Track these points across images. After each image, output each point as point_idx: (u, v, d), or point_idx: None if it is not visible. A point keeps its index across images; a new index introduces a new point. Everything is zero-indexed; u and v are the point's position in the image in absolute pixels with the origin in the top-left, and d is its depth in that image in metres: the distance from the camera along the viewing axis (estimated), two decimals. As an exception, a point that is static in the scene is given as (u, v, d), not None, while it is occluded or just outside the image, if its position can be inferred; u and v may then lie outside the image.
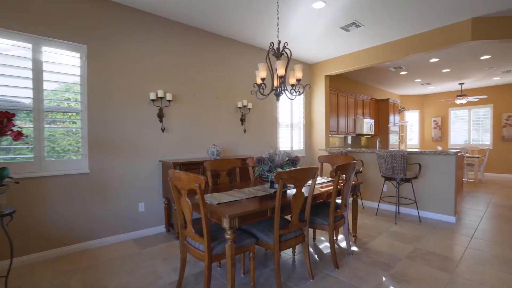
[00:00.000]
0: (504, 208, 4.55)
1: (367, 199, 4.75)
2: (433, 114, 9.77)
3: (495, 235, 3.28)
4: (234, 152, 4.40)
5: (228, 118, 4.31)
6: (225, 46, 4.26)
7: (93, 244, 3.00)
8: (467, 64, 5.86)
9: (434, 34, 3.96)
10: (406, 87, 8.50)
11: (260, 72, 2.55)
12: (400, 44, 4.35)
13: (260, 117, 4.78)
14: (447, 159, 3.79)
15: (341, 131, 6.15)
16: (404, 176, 3.69)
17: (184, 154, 3.79)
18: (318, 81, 5.64)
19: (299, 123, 5.62)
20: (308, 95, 5.77)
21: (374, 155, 4.61)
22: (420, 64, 5.85)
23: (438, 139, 9.61)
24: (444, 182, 3.84)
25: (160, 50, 3.54)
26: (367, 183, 4.74)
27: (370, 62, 4.75)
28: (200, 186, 1.73)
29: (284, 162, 2.47)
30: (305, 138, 5.71)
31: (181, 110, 3.76)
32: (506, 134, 8.24)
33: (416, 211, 4.11)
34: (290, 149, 5.37)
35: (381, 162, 3.88)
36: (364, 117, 7.03)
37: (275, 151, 2.61)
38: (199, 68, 3.95)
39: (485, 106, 8.67)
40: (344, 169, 2.41)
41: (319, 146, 5.62)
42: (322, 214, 2.56)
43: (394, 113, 7.90)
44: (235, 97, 4.39)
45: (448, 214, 3.83)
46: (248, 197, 2.23)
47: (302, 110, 5.66)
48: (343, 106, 6.26)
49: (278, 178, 1.89)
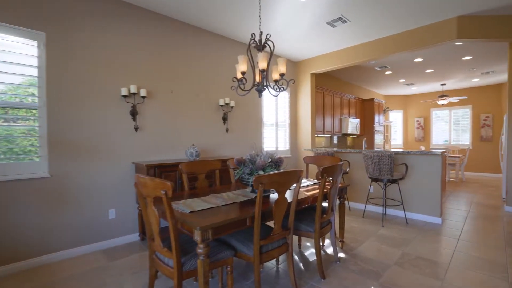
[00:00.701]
0: (486, 207, 4.57)
1: (354, 200, 4.64)
2: (416, 114, 9.91)
3: (480, 236, 3.23)
4: (216, 153, 4.16)
5: (209, 116, 4.06)
6: (206, 40, 4.01)
7: (52, 258, 2.66)
8: (449, 64, 5.90)
9: (421, 32, 3.89)
10: (391, 87, 8.54)
11: (240, 66, 2.33)
12: (386, 42, 4.26)
13: (243, 116, 4.56)
14: (433, 159, 3.73)
15: (327, 131, 6.03)
16: (391, 177, 3.59)
17: (160, 155, 3.51)
18: (303, 80, 5.49)
19: (285, 122, 5.45)
20: (294, 94, 5.61)
21: (361, 155, 4.50)
22: (405, 63, 5.82)
23: (421, 139, 9.75)
24: (430, 183, 3.77)
25: (133, 41, 3.24)
26: (354, 184, 4.63)
27: (356, 60, 4.64)
28: (167, 193, 1.49)
29: (266, 164, 2.26)
30: (291, 138, 5.54)
31: (157, 108, 3.47)
32: (484, 134, 8.45)
33: (402, 212, 4.02)
34: (275, 149, 5.19)
35: (368, 163, 3.76)
36: (350, 116, 6.97)
37: (257, 152, 2.40)
38: (178, 63, 3.68)
39: (464, 107, 8.86)
40: (331, 171, 2.23)
41: (305, 146, 5.47)
42: (307, 220, 2.37)
43: (379, 113, 7.91)
44: (217, 94, 4.15)
45: (434, 215, 3.76)
46: (226, 203, 2.00)
47: (288, 109, 5.49)
48: (329, 106, 6.15)
49: (257, 182, 1.68)
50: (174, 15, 3.53)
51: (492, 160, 8.32)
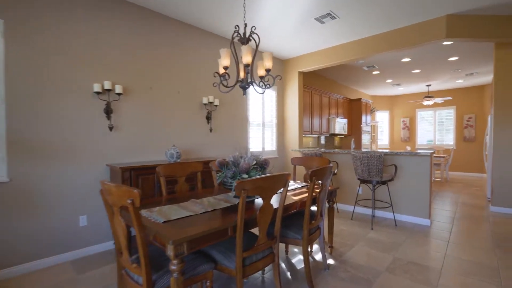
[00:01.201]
0: (472, 207, 4.58)
1: (342, 202, 4.54)
2: (402, 114, 10.01)
3: (469, 238, 3.18)
4: (199, 154, 3.94)
5: (192, 115, 3.84)
6: (189, 35, 3.79)
7: (11, 272, 2.38)
8: (436, 65, 5.92)
9: (410, 31, 3.83)
10: (378, 87, 8.56)
11: (223, 60, 2.14)
12: (375, 40, 4.18)
13: (228, 115, 4.36)
14: (422, 160, 3.67)
15: (314, 130, 5.93)
16: (381, 178, 3.49)
17: (138, 156, 3.26)
18: (291, 78, 5.35)
19: (271, 122, 5.29)
20: (281, 93, 5.47)
21: (349, 156, 4.40)
22: (392, 63, 5.80)
23: (406, 139, 9.86)
24: (419, 184, 3.71)
25: (108, 33, 2.99)
26: (342, 185, 4.53)
27: (345, 58, 4.54)
28: (134, 202, 1.29)
29: (250, 166, 2.08)
30: (278, 138, 5.39)
31: (134, 106, 3.22)
32: (467, 135, 8.62)
33: (391, 214, 3.95)
34: (262, 150, 5.02)
35: (356, 164, 3.66)
36: (337, 116, 6.90)
37: (241, 154, 2.21)
38: (157, 58, 3.44)
39: (448, 107, 9.01)
40: (320, 174, 2.08)
41: (292, 147, 5.34)
42: (295, 226, 2.22)
43: (367, 113, 7.90)
44: (200, 92, 3.93)
45: (423, 217, 3.70)
46: (206, 210, 1.81)
47: (275, 108, 5.33)
48: (317, 105, 6.05)
49: (239, 188, 1.50)
50: (153, 6, 3.30)
51: (475, 160, 8.50)
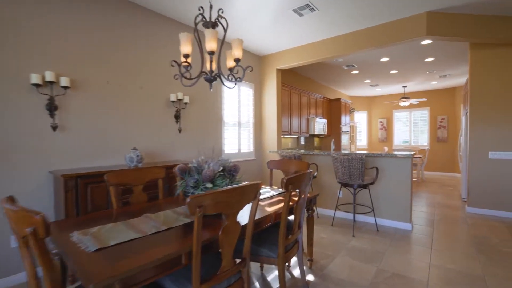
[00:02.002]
0: (449, 208, 4.55)
1: (322, 206, 4.32)
2: (379, 115, 10.11)
3: (451, 243, 3.05)
4: (166, 157, 3.54)
5: (158, 114, 3.43)
6: (155, 24, 3.38)
7: None
8: (412, 65, 5.91)
9: (392, 27, 3.67)
10: (356, 87, 8.54)
11: (183, 46, 1.79)
12: (356, 36, 3.99)
13: (200, 114, 3.99)
14: (404, 162, 3.52)
15: (294, 131, 5.69)
16: (362, 182, 3.29)
17: (92, 161, 2.81)
18: (269, 76, 5.07)
19: (248, 122, 4.98)
20: (258, 90, 5.17)
21: (330, 158, 4.19)
22: (371, 63, 5.70)
23: (384, 140, 9.96)
24: (400, 187, 3.56)
25: (52, 15, 2.52)
26: (322, 189, 4.31)
27: (325, 55, 4.33)
28: (36, 232, 0.91)
29: (216, 173, 1.75)
30: (255, 139, 5.09)
31: (87, 101, 2.77)
32: (440, 135, 8.83)
33: (373, 219, 3.78)
34: (238, 151, 4.69)
35: (337, 167, 3.44)
36: (317, 116, 6.73)
37: (207, 158, 1.88)
38: (116, 48, 3.00)
39: (422, 109, 9.20)
40: (297, 182, 1.79)
41: (271, 148, 5.06)
42: (269, 242, 1.91)
43: (346, 114, 7.82)
44: (167, 88, 3.53)
45: (404, 221, 3.56)
46: (158, 230, 1.46)
47: (252, 107, 5.02)
48: (296, 105, 5.82)
49: (194, 206, 1.16)
50: (110, -12, 2.86)
51: (447, 160, 8.72)
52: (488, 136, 4.21)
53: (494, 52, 4.15)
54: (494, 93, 4.17)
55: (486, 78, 4.23)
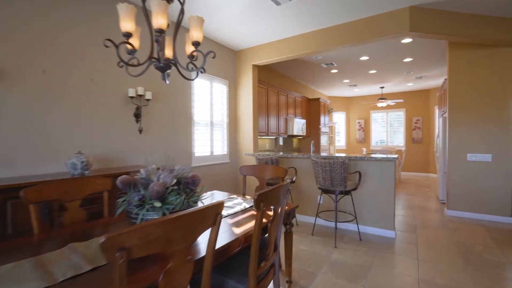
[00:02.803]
0: (428, 212, 4.45)
1: (302, 213, 4.02)
2: (357, 116, 10.10)
3: (437, 252, 2.86)
4: (124, 162, 3.05)
5: (113, 111, 2.94)
6: (108, 3, 2.88)
7: None
8: (391, 65, 5.82)
9: (375, 21, 3.45)
10: (335, 87, 8.41)
11: (123, 22, 1.37)
12: (336, 31, 3.73)
13: (166, 112, 3.53)
14: (387, 166, 3.30)
15: (271, 132, 5.37)
16: (344, 188, 3.02)
17: (22, 168, 2.28)
18: (245, 72, 4.70)
19: (222, 121, 4.57)
20: (233, 87, 4.78)
21: (309, 161, 3.90)
22: (351, 61, 5.53)
23: (362, 141, 9.96)
24: (384, 192, 3.34)
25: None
26: (301, 194, 4.01)
27: (304, 50, 4.04)
28: None
29: (167, 188, 1.35)
30: (230, 140, 4.69)
31: (15, 94, 2.24)
32: (416, 136, 8.96)
33: (355, 226, 3.53)
34: (210, 154, 4.27)
35: (317, 171, 3.14)
36: (295, 116, 6.47)
37: (158, 166, 1.47)
38: (56, 29, 2.48)
39: (399, 110, 9.29)
40: (271, 198, 1.43)
41: (247, 150, 4.69)
42: (238, 270, 1.54)
43: (325, 114, 7.65)
44: (125, 81, 3.05)
45: (387, 228, 3.34)
46: (78, 272, 1.03)
47: (226, 105, 4.63)
48: (274, 104, 5.51)
49: (110, 249, 0.75)
50: (47, -43, 2.35)
51: (422, 161, 8.85)
52: (467, 138, 4.14)
53: (472, 53, 4.09)
54: (472, 94, 4.11)
55: (464, 79, 4.15)
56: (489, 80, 4.00)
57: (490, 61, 3.98)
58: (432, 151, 8.60)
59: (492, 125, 3.98)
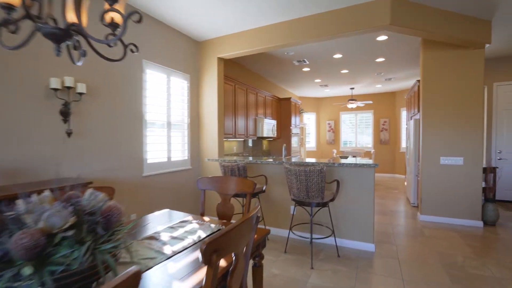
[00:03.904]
0: (402, 217, 4.29)
1: (273, 225, 3.58)
2: (327, 117, 10.01)
3: (422, 270, 2.59)
4: (44, 174, 2.34)
5: (28, 108, 2.22)
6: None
7: None
8: (363, 65, 5.66)
9: (354, 12, 3.11)
10: (306, 87, 8.17)
11: None
12: (313, 21, 3.35)
13: (107, 111, 2.85)
14: (367, 172, 2.98)
15: (239, 133, 4.87)
16: (322, 200, 2.62)
17: None
18: (209, 66, 4.14)
19: (183, 122, 3.97)
20: (195, 82, 4.20)
21: (281, 167, 3.47)
22: (324, 59, 5.24)
23: (332, 142, 9.89)
24: (363, 201, 3.03)
25: None
26: (273, 204, 3.57)
27: (275, 43, 3.60)
28: None
29: (51, 236, 0.78)
30: (191, 143, 4.10)
31: None
32: (383, 138, 9.08)
33: (332, 239, 3.17)
34: (167, 160, 3.65)
35: (291, 181, 2.71)
36: (265, 117, 6.05)
37: (38, 200, 0.89)
38: None
39: (367, 111, 9.36)
40: (229, 243, 0.93)
41: (211, 154, 4.14)
42: None
43: (296, 115, 7.34)
44: (46, 68, 2.34)
45: (367, 241, 3.03)
46: None
47: (187, 103, 4.03)
48: (242, 103, 5.02)
49: None
50: None
51: (389, 162, 8.99)
52: (440, 141, 4.03)
53: (444, 54, 3.98)
54: (444, 96, 4.01)
55: (437, 81, 4.04)
56: (460, 83, 3.92)
57: (461, 63, 3.90)
58: (398, 152, 8.76)
59: (464, 128, 3.90)
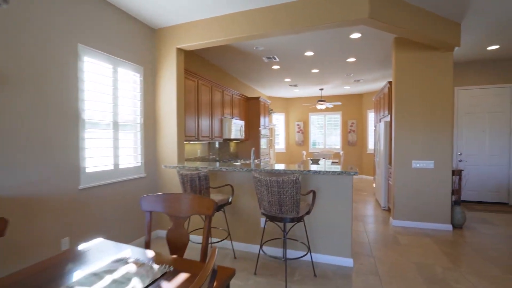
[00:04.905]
0: (375, 223, 4.14)
1: (241, 240, 3.16)
2: (296, 118, 9.86)
3: (404, 285, 2.36)
4: None
5: None
6: None
7: None
8: (334, 65, 5.48)
9: (329, 2, 2.80)
10: (275, 87, 7.89)
11: None
12: (283, 10, 2.98)
13: (28, 106, 2.18)
14: (345, 181, 2.70)
15: (203, 135, 4.36)
16: (297, 214, 2.26)
17: None
18: (167, 57, 3.59)
19: (135, 121, 3.37)
20: (150, 77, 3.62)
21: (250, 175, 3.06)
22: (294, 56, 4.94)
23: (301, 143, 9.75)
24: (340, 213, 2.74)
25: None
26: (241, 216, 3.15)
27: (243, 33, 3.17)
28: None
29: None
30: (146, 147, 3.51)
31: None
32: (351, 139, 9.15)
33: (308, 256, 2.83)
34: (113, 168, 3.03)
35: (261, 193, 2.31)
36: (233, 117, 5.60)
37: None
38: None
39: (335, 113, 9.38)
40: None
41: (170, 160, 3.58)
42: None
43: (265, 115, 7.00)
44: None
45: (344, 255, 2.74)
46: None
47: (140, 100, 3.43)
48: (206, 101, 4.52)
49: None
50: None
51: (356, 163, 9.08)
52: (412, 144, 3.95)
53: (417, 55, 3.91)
54: (416, 98, 3.93)
55: (409, 82, 3.95)
56: (431, 85, 3.87)
57: (432, 65, 3.85)
58: (365, 153, 8.88)
59: (435, 131, 3.85)
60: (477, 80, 5.33)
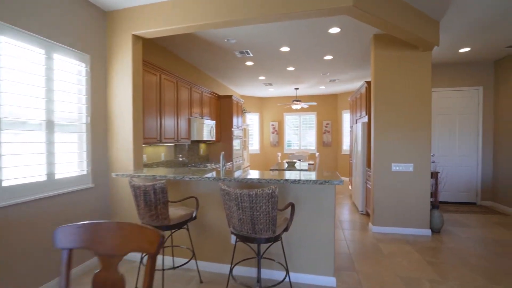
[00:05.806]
0: (354, 229, 3.92)
1: (208, 259, 2.72)
2: (271, 118, 9.56)
3: (394, 309, 2.09)
4: None
5: None
6: None
7: None
8: (311, 61, 5.21)
9: (306, -15, 2.46)
10: (249, 85, 7.50)
11: None
12: (256, -7, 2.59)
13: None
14: (327, 191, 2.37)
15: (166, 137, 3.84)
16: (273, 233, 1.88)
17: None
18: (121, 45, 3.03)
19: (80, 121, 2.78)
20: (100, 68, 3.04)
21: (216, 185, 2.63)
22: (269, 52, 4.59)
23: (276, 144, 9.46)
24: (322, 226, 2.41)
25: None
26: (208, 232, 2.71)
27: (211, 18, 2.73)
28: None
29: None
30: (94, 151, 2.93)
31: None
32: (326, 140, 9.04)
33: (282, 273, 2.47)
34: (47, 179, 2.43)
35: (230, 208, 1.89)
36: (202, 117, 5.11)
37: None
38: None
39: (311, 113, 9.22)
40: None
41: (124, 166, 3.03)
42: None
43: (238, 115, 6.58)
44: None
45: (327, 274, 2.42)
46: None
47: (86, 95, 2.85)
48: (171, 99, 4.00)
49: None
50: None
51: (331, 164, 8.99)
52: (391, 146, 3.77)
53: (396, 54, 3.74)
54: (395, 99, 3.76)
55: (388, 83, 3.78)
56: (410, 85, 3.72)
57: (411, 65, 3.71)
58: (340, 154, 8.81)
59: (414, 133, 3.71)
60: (449, 82, 5.38)
